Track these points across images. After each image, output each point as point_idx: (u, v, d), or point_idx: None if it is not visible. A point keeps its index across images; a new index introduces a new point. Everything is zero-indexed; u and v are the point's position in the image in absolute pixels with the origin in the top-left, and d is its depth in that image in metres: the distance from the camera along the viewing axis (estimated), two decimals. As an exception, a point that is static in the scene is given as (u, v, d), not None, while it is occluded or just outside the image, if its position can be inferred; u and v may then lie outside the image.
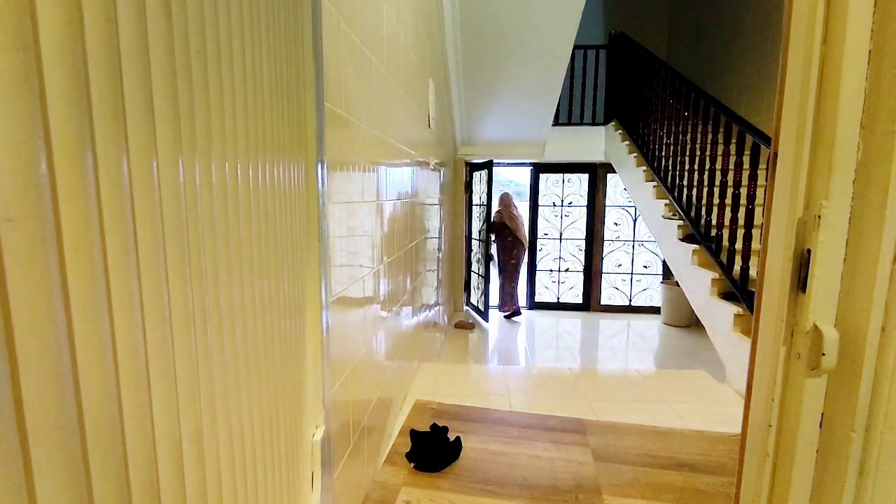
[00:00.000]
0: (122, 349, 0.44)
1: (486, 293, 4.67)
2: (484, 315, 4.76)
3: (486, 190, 4.52)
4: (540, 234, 5.62)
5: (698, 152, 2.93)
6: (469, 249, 5.15)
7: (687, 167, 3.08)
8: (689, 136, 3.09)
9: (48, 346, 0.36)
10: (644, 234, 5.37)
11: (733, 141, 2.63)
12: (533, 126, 4.44)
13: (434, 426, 1.81)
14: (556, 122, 4.83)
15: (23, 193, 0.34)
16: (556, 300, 5.64)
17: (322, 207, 1.04)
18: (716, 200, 2.67)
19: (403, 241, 2.04)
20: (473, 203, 5.03)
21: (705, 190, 2.79)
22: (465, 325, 4.61)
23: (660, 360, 4.01)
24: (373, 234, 1.51)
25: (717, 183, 2.72)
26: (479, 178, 4.78)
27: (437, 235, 3.36)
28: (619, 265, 5.54)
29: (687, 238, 3.03)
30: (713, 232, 2.65)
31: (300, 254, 0.97)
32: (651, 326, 4.92)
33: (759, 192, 2.43)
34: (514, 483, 1.60)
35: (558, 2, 3.02)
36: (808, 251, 0.66)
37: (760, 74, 4.10)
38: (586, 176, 5.42)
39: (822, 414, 0.67)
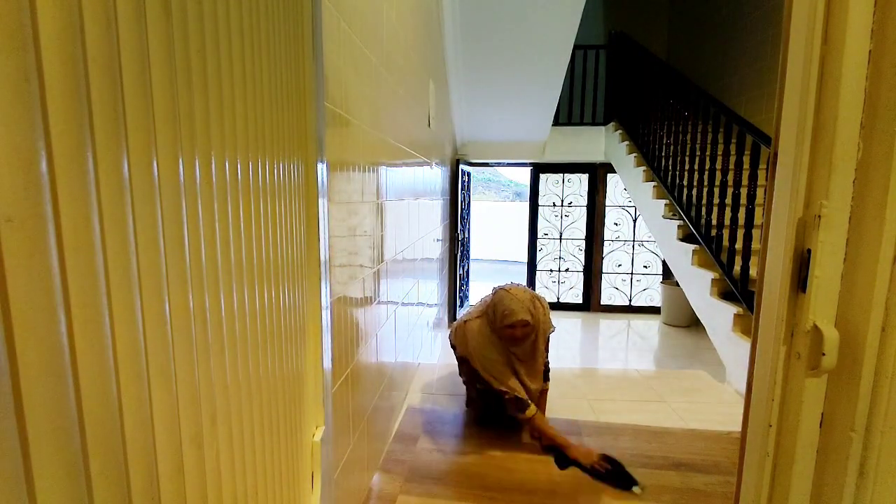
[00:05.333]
0: (122, 349, 0.44)
1: None
2: None
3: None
4: (540, 234, 5.62)
5: (698, 152, 2.93)
6: (458, 253, 5.02)
7: (687, 167, 3.08)
8: (688, 136, 3.09)
9: (48, 346, 0.36)
10: (644, 234, 5.37)
11: (733, 141, 2.63)
12: (533, 126, 4.44)
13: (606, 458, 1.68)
14: (556, 123, 4.82)
15: (23, 193, 0.34)
16: (556, 300, 5.64)
17: (322, 207, 1.04)
18: (716, 200, 2.67)
19: (403, 241, 2.04)
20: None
21: (705, 190, 2.79)
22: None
23: (660, 360, 4.01)
24: (373, 234, 1.51)
25: (717, 183, 2.72)
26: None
27: (436, 235, 3.36)
28: (619, 265, 5.53)
29: (687, 238, 3.03)
30: (713, 232, 2.64)
31: (300, 253, 0.97)
32: (651, 326, 4.92)
33: (759, 192, 2.43)
34: (512, 489, 1.59)
35: (558, 2, 3.02)
36: (808, 251, 0.66)
37: (760, 74, 4.09)
38: (586, 176, 5.42)
39: (822, 414, 0.67)
